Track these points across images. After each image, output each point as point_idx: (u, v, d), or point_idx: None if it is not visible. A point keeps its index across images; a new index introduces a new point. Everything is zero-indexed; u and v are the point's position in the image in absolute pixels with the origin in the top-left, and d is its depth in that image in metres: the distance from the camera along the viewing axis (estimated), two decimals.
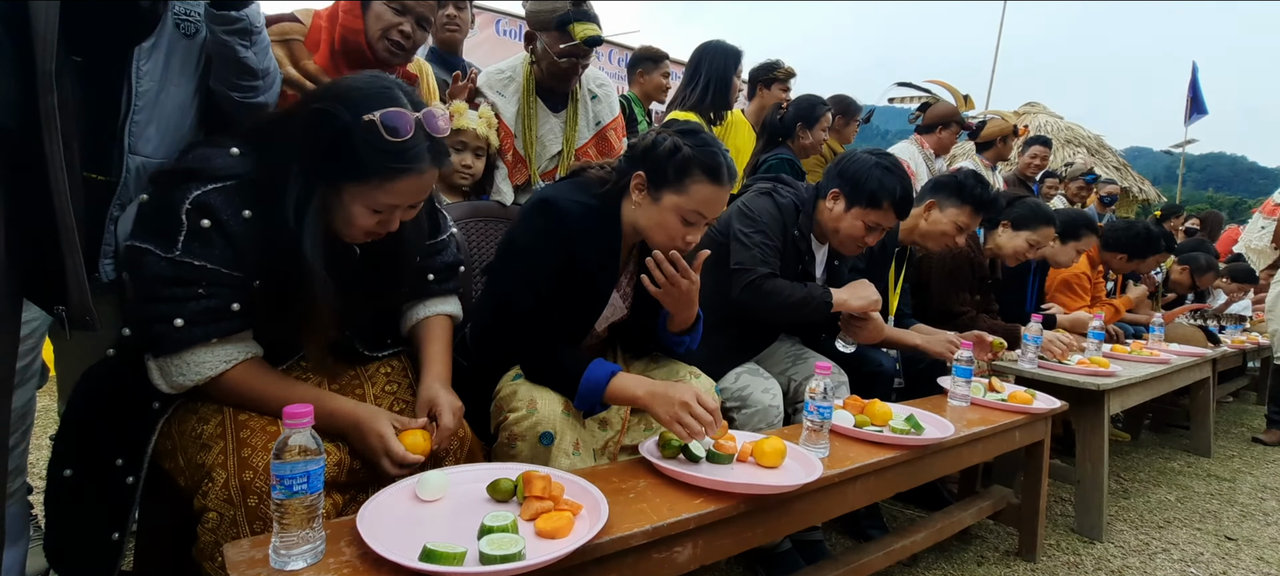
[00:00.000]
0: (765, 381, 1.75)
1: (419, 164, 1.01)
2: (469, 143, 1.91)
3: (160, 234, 0.95)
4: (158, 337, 0.97)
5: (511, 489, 1.00)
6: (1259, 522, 2.47)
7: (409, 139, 0.98)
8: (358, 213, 1.02)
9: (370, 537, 0.80)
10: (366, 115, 0.96)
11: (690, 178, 1.29)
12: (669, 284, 1.34)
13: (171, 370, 0.98)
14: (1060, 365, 2.32)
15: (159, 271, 0.95)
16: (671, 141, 1.31)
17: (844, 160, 1.84)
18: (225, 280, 0.99)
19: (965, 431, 1.62)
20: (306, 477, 0.77)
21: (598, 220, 1.36)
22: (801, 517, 1.23)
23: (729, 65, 2.73)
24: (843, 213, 1.81)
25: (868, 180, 1.76)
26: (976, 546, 2.09)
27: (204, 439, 1.00)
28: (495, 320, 1.40)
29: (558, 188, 1.42)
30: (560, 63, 2.01)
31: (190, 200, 0.95)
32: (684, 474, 1.12)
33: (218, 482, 0.94)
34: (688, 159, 1.29)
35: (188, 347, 0.97)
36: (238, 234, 0.98)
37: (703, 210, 1.31)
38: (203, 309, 0.97)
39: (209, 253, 0.96)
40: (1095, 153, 9.88)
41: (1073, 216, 3.11)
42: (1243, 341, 3.96)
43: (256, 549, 0.81)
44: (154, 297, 0.96)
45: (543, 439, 1.24)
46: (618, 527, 0.94)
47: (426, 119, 1.01)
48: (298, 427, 0.77)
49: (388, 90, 1.01)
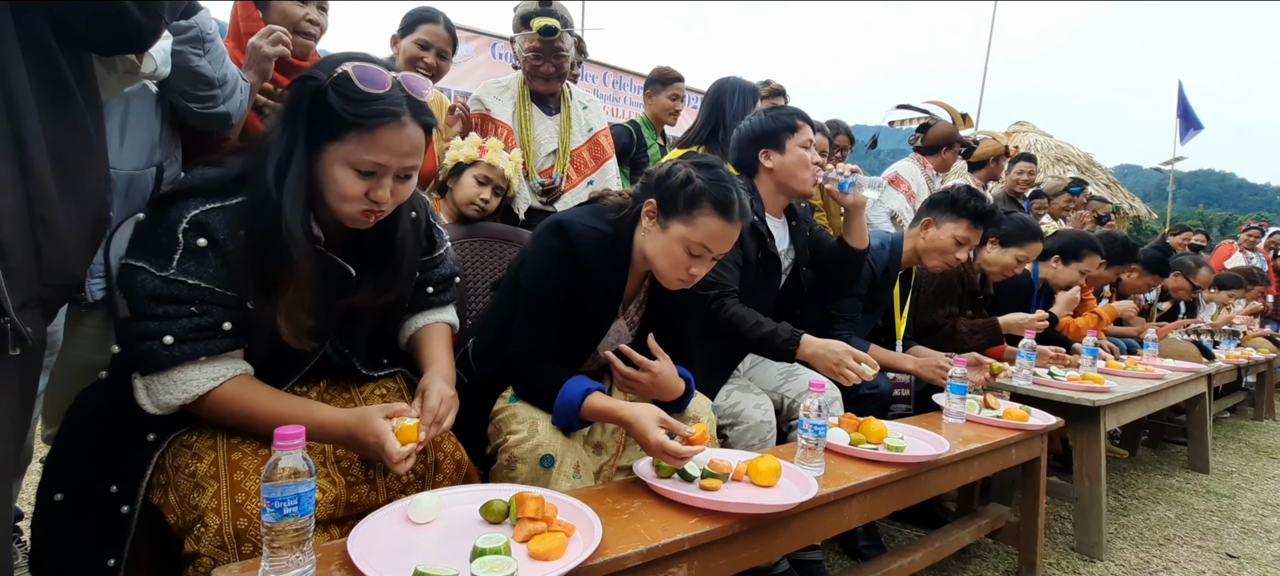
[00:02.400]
0: (757, 398, 1.74)
1: (397, 112, 0.98)
2: (494, 178, 1.93)
3: (156, 252, 0.95)
4: (145, 355, 0.95)
5: (505, 510, 0.99)
6: (1261, 540, 2.46)
7: (386, 92, 0.97)
8: (342, 177, 0.99)
9: (360, 560, 0.79)
10: (339, 69, 0.96)
11: (699, 210, 1.29)
12: (631, 381, 1.35)
13: (158, 388, 0.97)
14: (1054, 382, 2.32)
15: (152, 289, 0.94)
16: (686, 172, 1.32)
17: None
18: (218, 299, 0.98)
19: (960, 448, 1.61)
20: (297, 500, 0.76)
21: (609, 247, 1.37)
22: (798, 537, 1.22)
23: (748, 102, 2.75)
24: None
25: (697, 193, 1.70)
26: (975, 565, 2.07)
27: (198, 478, 0.98)
28: (497, 336, 1.40)
29: (575, 212, 1.43)
30: (529, 59, 2.16)
31: (187, 219, 0.95)
32: (679, 493, 1.11)
33: (211, 528, 0.92)
34: (699, 191, 1.29)
35: (175, 365, 0.96)
36: (233, 252, 0.98)
37: (709, 244, 1.31)
38: (194, 326, 0.97)
39: (203, 271, 0.96)
40: (1085, 170, 9.98)
41: (1074, 238, 3.10)
42: (1237, 356, 3.97)
43: (246, 573, 0.81)
44: (145, 315, 0.95)
45: (544, 461, 1.24)
46: (612, 549, 0.93)
47: (406, 80, 1.00)
48: (288, 449, 0.77)
49: (362, 54, 1.02)
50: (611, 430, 1.43)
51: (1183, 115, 10.39)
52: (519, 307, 1.34)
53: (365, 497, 1.03)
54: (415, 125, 1.01)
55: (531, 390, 1.31)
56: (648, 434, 1.18)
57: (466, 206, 1.90)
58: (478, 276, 1.90)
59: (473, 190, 1.89)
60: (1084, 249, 3.06)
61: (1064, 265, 3.07)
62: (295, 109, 0.99)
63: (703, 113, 2.77)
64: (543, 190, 2.23)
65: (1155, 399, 2.71)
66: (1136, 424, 3.60)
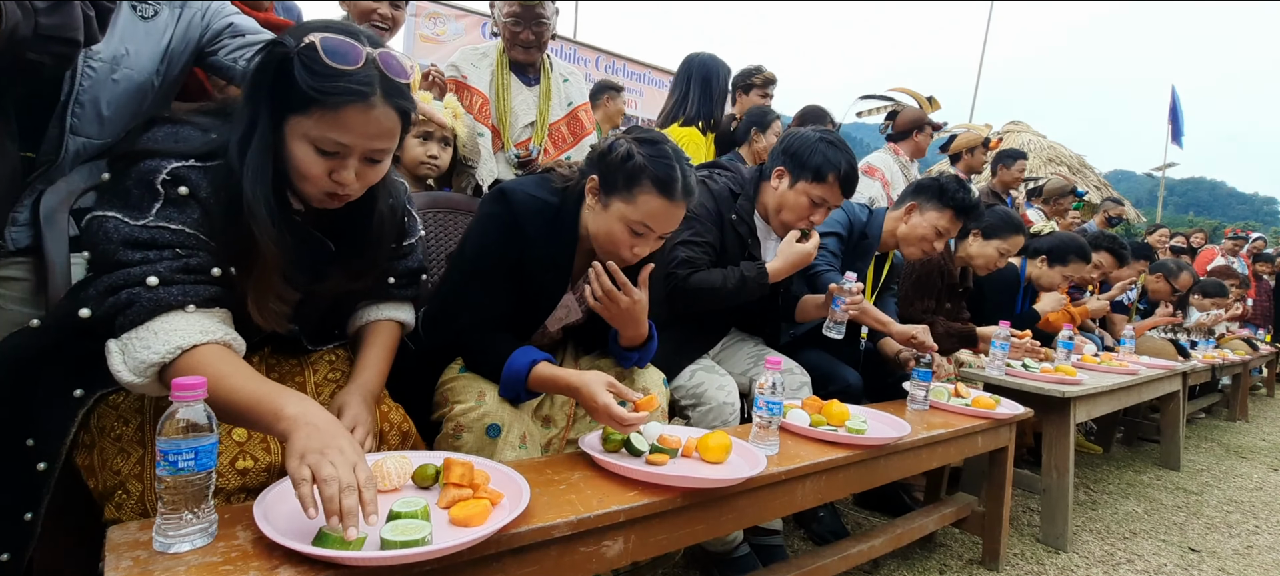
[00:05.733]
0: (721, 379, 1.71)
1: (366, 92, 0.89)
2: (434, 133, 1.87)
3: (130, 204, 0.87)
4: (127, 303, 0.84)
5: (434, 476, 0.95)
6: (1223, 535, 2.46)
7: (355, 68, 0.88)
8: (302, 154, 0.91)
9: (264, 522, 0.75)
10: (307, 38, 0.88)
11: (639, 187, 1.24)
12: (607, 299, 1.28)
13: (135, 344, 0.85)
14: (1026, 373, 2.31)
15: (128, 235, 0.85)
16: (626, 148, 1.26)
17: (788, 138, 1.82)
18: (205, 245, 0.90)
19: (923, 434, 1.59)
20: (194, 454, 0.72)
21: (553, 218, 1.32)
22: (747, 514, 1.19)
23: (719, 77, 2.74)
24: (787, 189, 1.78)
25: (813, 154, 1.74)
26: (940, 554, 2.06)
27: (123, 443, 0.93)
28: (443, 306, 1.36)
29: (520, 182, 1.39)
30: (508, 24, 2.12)
31: (167, 171, 0.88)
32: (620, 466, 1.08)
33: (133, 496, 0.88)
34: (639, 168, 1.24)
35: (162, 311, 0.85)
36: (214, 211, 0.90)
37: (650, 222, 1.26)
38: (180, 266, 0.87)
39: (187, 217, 0.88)
40: (1077, 171, 10.00)
41: (1064, 242, 3.09)
42: (1213, 356, 3.98)
43: (142, 531, 0.76)
44: (121, 263, 0.85)
45: (490, 431, 1.21)
46: (540, 517, 0.89)
47: (383, 58, 0.91)
48: (187, 401, 0.73)
49: (343, 24, 0.94)
50: (562, 403, 1.39)
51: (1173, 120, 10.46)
52: (464, 277, 1.31)
53: None
54: (387, 107, 0.92)
55: (479, 360, 1.28)
56: (596, 397, 1.14)
57: (418, 168, 1.84)
58: (438, 247, 1.85)
59: (418, 150, 1.82)
60: (1071, 255, 3.04)
61: (1049, 267, 3.06)
62: (261, 77, 0.91)
63: (696, 89, 2.74)
64: (519, 162, 2.18)
65: (1127, 394, 2.71)
66: (1111, 421, 3.61)
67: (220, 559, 0.72)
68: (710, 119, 2.75)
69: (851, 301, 1.75)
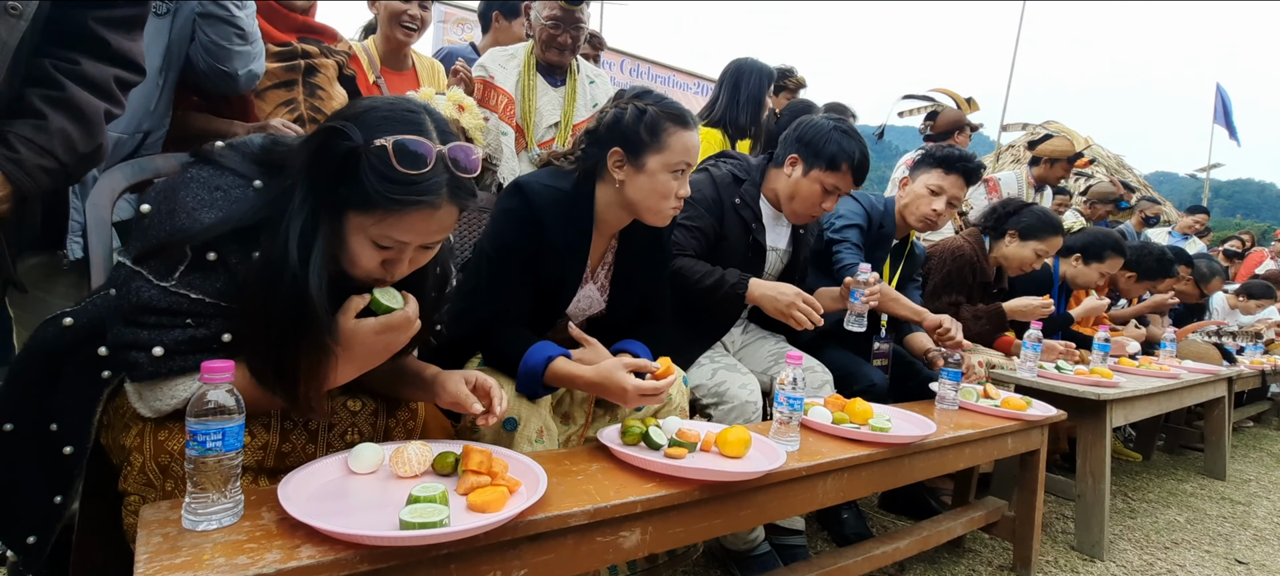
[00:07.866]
0: (743, 377, 1.70)
1: (432, 197, 0.87)
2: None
3: (159, 258, 0.87)
4: (132, 364, 0.87)
5: (453, 463, 0.96)
6: (1273, 547, 2.35)
7: (425, 172, 0.86)
8: (359, 247, 0.89)
9: (288, 503, 0.77)
10: (378, 140, 0.84)
11: (664, 132, 1.31)
12: (653, 395, 1.23)
13: (148, 396, 0.89)
14: (1059, 375, 2.24)
15: (148, 300, 0.86)
16: (634, 108, 1.32)
17: (802, 126, 1.81)
18: (221, 312, 0.90)
19: (949, 433, 1.55)
20: (222, 435, 0.74)
21: (569, 205, 1.35)
22: (764, 510, 1.18)
23: (763, 83, 2.75)
24: (800, 177, 1.78)
25: (827, 143, 1.73)
26: (969, 559, 2.00)
27: (127, 417, 0.95)
28: (464, 299, 1.38)
29: (534, 174, 1.41)
30: (547, 27, 2.14)
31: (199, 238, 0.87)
32: (638, 458, 1.08)
33: (135, 466, 0.91)
34: (656, 116, 1.31)
35: (164, 378, 0.88)
36: (242, 272, 0.89)
37: (688, 157, 1.33)
38: (187, 338, 0.89)
39: (207, 285, 0.88)
40: (1115, 172, 9.70)
41: (1098, 237, 3.00)
42: (1262, 362, 3.81)
43: (173, 509, 0.79)
44: (137, 322, 0.87)
45: (507, 424, 1.23)
46: (556, 506, 0.90)
47: (453, 152, 0.88)
48: (215, 383, 0.75)
49: (412, 115, 0.90)
50: (581, 399, 1.40)
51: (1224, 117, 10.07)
52: (484, 272, 1.32)
53: (299, 448, 1.00)
54: (450, 206, 0.90)
55: (497, 355, 1.30)
56: (623, 383, 1.17)
57: None
58: (462, 244, 1.88)
59: None
60: (1107, 250, 2.95)
61: (1085, 265, 2.97)
62: (321, 167, 0.86)
63: (725, 93, 2.75)
64: (542, 162, 2.21)
65: (1168, 398, 2.61)
66: (1151, 428, 3.48)
67: (245, 537, 0.74)
68: (736, 124, 2.73)
69: (871, 292, 1.73)
